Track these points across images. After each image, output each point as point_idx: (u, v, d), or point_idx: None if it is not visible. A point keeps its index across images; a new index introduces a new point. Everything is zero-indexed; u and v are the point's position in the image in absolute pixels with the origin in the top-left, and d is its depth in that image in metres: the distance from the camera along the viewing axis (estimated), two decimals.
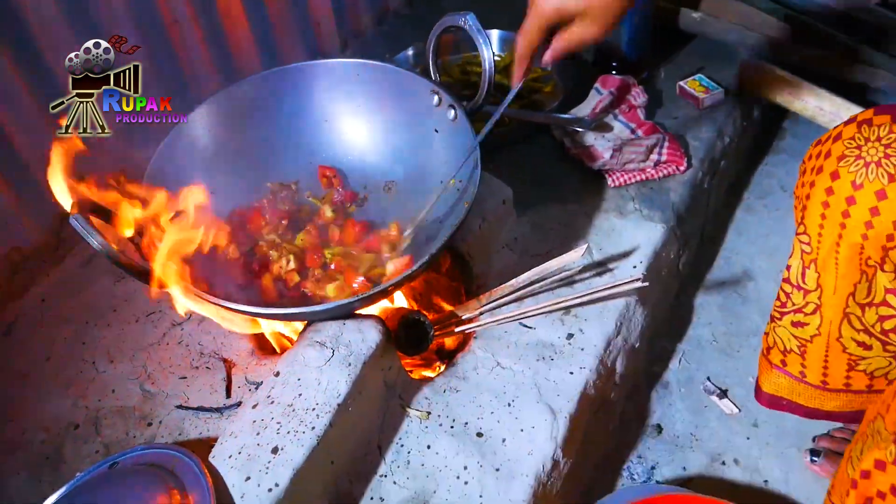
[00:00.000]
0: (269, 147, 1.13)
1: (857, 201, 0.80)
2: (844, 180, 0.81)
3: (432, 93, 1.06)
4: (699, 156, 1.33)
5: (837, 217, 0.82)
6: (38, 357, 1.09)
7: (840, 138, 0.83)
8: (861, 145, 0.80)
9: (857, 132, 0.81)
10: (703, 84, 1.43)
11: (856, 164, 0.80)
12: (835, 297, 0.88)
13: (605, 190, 1.28)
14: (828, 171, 0.83)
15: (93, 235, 0.80)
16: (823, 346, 0.94)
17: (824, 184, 0.83)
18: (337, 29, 1.64)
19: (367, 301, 0.92)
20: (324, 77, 1.13)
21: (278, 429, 0.86)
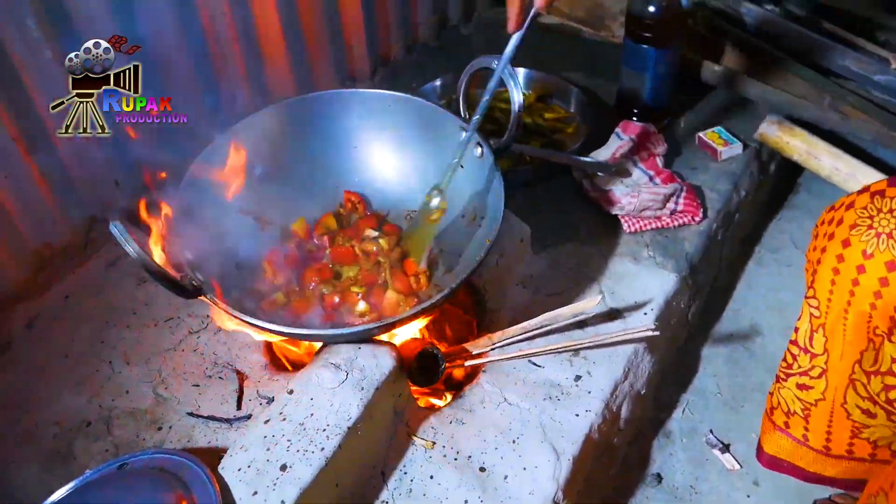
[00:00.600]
0: (299, 169, 1.16)
1: (867, 270, 0.82)
2: (855, 249, 0.82)
3: (460, 129, 1.09)
4: (715, 207, 1.36)
5: (847, 284, 0.84)
6: (57, 352, 1.12)
7: (853, 207, 0.85)
8: (873, 216, 0.82)
9: (869, 202, 0.83)
10: (722, 136, 1.46)
11: (867, 234, 0.82)
12: (841, 362, 0.90)
13: (620, 234, 1.31)
14: (839, 239, 0.85)
15: (130, 244, 0.83)
16: (828, 411, 0.95)
17: (835, 250, 0.85)
18: (368, 55, 1.68)
19: (384, 328, 0.95)
20: (357, 105, 1.16)
21: (288, 446, 0.88)
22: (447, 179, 1.06)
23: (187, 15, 1.26)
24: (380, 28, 1.70)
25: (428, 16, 1.81)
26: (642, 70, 1.39)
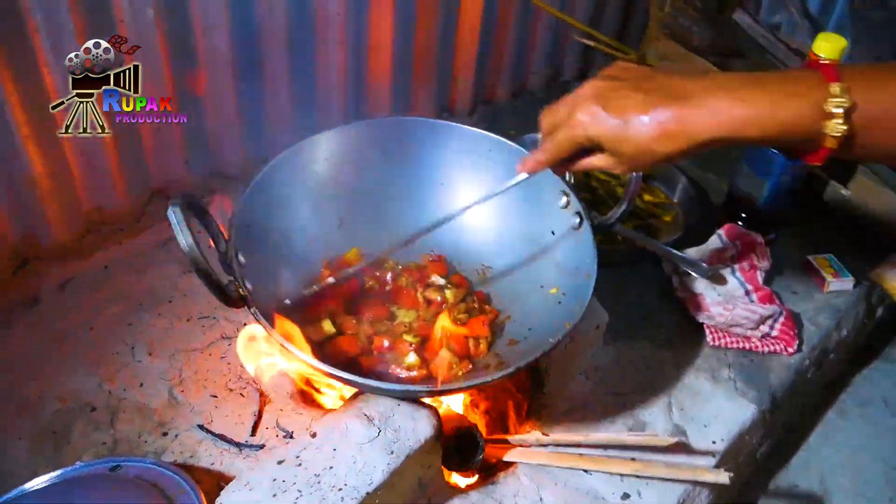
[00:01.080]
0: (379, 192, 1.08)
1: None
2: None
3: (562, 194, 1.00)
4: (812, 342, 1.23)
5: None
6: (82, 324, 1.05)
7: None
8: None
9: None
10: (833, 266, 1.33)
11: None
12: None
13: (702, 345, 1.19)
14: None
15: (184, 233, 0.75)
16: None
17: None
18: (472, 90, 1.61)
19: (432, 394, 0.84)
20: (455, 140, 1.07)
21: (297, 498, 0.78)
22: None
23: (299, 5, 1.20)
24: (490, 66, 1.63)
25: (542, 66, 1.74)
26: (765, 175, 1.28)
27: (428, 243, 1.09)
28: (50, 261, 1.11)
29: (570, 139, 0.74)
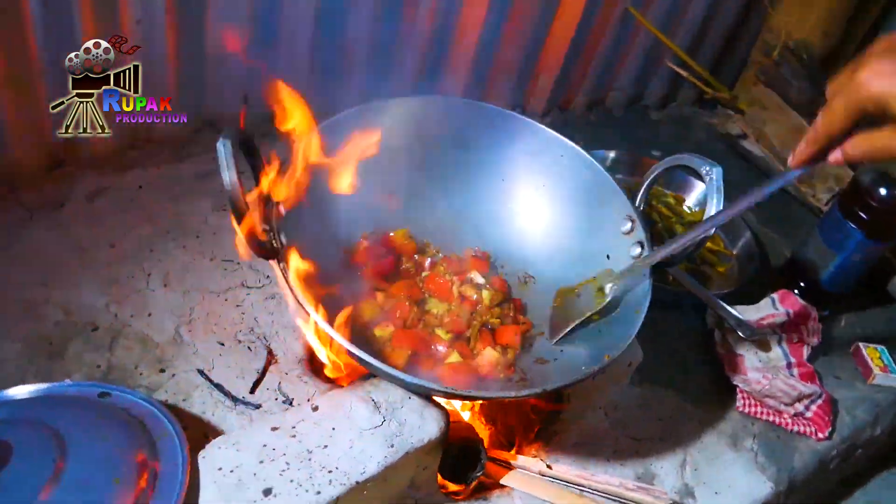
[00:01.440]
0: (436, 171, 1.02)
1: None
2: None
3: (628, 219, 0.94)
4: (843, 433, 1.15)
5: None
6: (104, 239, 1.01)
7: None
8: None
9: None
10: (883, 359, 1.25)
11: None
12: None
13: (730, 407, 1.12)
14: None
15: (230, 170, 0.70)
16: None
17: None
18: (550, 94, 1.55)
19: (449, 395, 0.79)
20: (528, 137, 1.01)
21: (284, 470, 0.73)
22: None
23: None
24: (575, 74, 1.56)
25: (625, 85, 1.67)
26: (836, 249, 1.20)
27: (474, 238, 1.04)
28: (86, 168, 1.07)
29: (848, 104, 0.60)
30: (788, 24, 1.52)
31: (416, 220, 1.02)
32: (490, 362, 0.87)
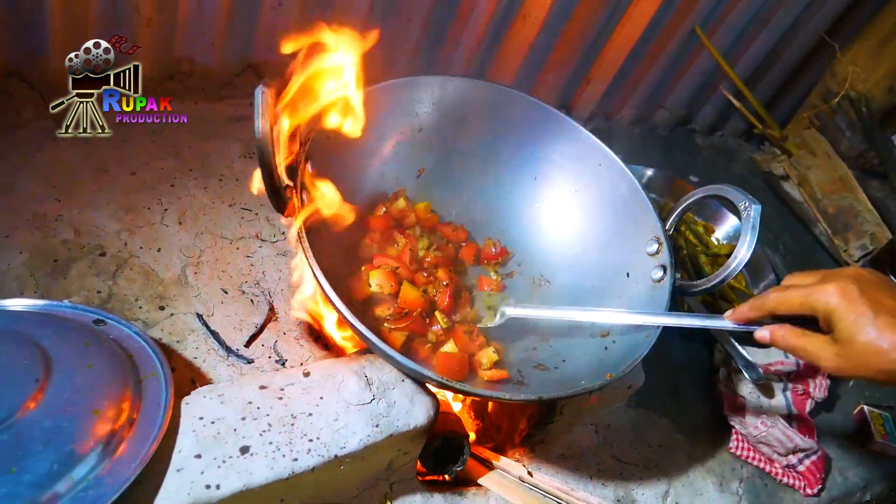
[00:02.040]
0: (470, 157, 1.00)
1: None
2: None
3: (655, 240, 0.91)
4: (832, 493, 1.13)
5: None
6: (127, 165, 0.99)
7: None
8: None
9: None
10: (886, 426, 1.22)
11: None
12: None
13: (722, 447, 1.10)
14: None
15: (263, 119, 0.68)
16: None
17: None
18: (598, 99, 1.51)
19: (443, 385, 0.77)
20: (570, 141, 0.99)
21: (264, 431, 0.72)
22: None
23: None
24: (627, 84, 1.53)
25: (676, 106, 1.63)
26: None
27: (497, 230, 1.02)
28: None
29: (805, 301, 0.68)
30: (854, 74, 1.48)
31: (442, 200, 1.00)
32: (489, 361, 0.86)
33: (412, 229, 0.94)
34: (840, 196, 1.43)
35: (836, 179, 1.45)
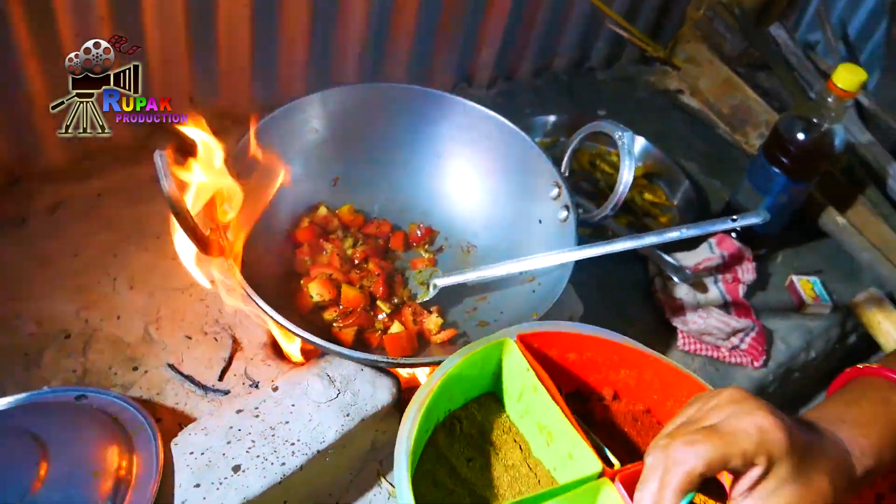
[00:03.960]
0: (376, 155, 1.09)
1: None
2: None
3: (555, 185, 1.01)
4: (778, 359, 1.24)
5: None
6: (68, 249, 1.06)
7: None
8: None
9: None
10: (815, 289, 1.34)
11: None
12: None
13: (671, 347, 1.21)
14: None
15: (168, 179, 0.76)
16: None
17: None
18: (494, 64, 1.59)
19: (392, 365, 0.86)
20: (461, 115, 1.07)
21: (250, 448, 0.81)
22: None
23: None
24: (518, 41, 1.60)
25: (569, 49, 1.71)
26: (764, 192, 1.27)
27: (419, 214, 1.10)
28: (43, 182, 1.11)
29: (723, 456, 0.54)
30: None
31: (363, 200, 1.09)
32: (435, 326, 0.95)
33: (335, 233, 1.02)
34: (730, 96, 1.55)
35: (722, 82, 1.56)
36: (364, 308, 0.95)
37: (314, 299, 0.94)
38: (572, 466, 0.71)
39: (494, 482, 0.74)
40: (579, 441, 0.69)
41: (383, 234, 1.06)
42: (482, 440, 0.77)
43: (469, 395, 0.79)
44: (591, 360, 0.81)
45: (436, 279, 0.98)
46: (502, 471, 0.75)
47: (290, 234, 1.02)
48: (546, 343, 0.79)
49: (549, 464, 0.75)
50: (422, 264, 1.04)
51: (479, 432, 0.77)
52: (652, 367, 0.80)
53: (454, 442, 0.76)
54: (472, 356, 0.74)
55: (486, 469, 0.75)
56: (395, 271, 1.02)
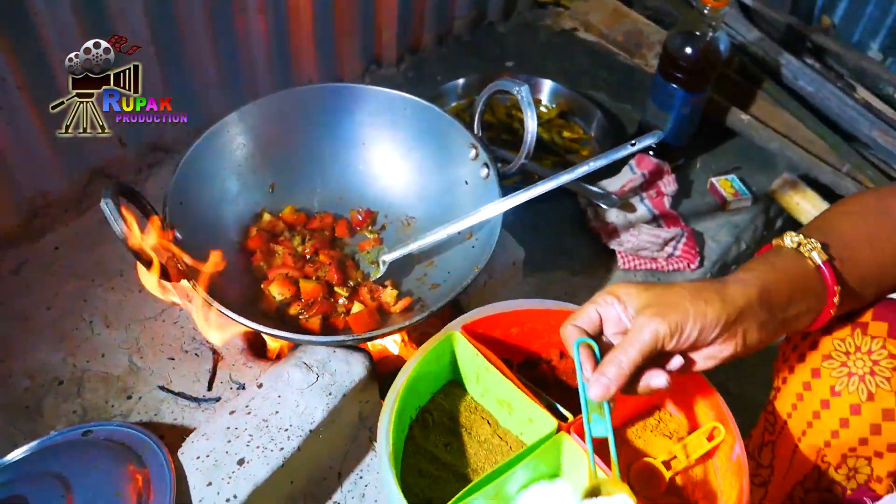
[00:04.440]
0: (304, 155, 1.16)
1: (830, 407, 0.79)
2: (824, 382, 0.80)
3: (471, 146, 1.09)
4: (712, 257, 1.36)
5: (807, 415, 0.81)
6: (40, 304, 1.12)
7: (830, 334, 0.81)
8: (850, 352, 0.79)
9: (849, 335, 0.79)
10: (734, 186, 1.45)
11: (839, 371, 0.79)
12: (784, 481, 0.88)
13: (613, 269, 1.31)
14: (810, 366, 0.82)
15: (118, 223, 0.84)
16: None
17: (803, 377, 0.82)
18: (397, 41, 1.66)
19: (358, 340, 0.95)
20: (372, 102, 1.15)
21: (249, 441, 0.90)
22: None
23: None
24: (414, 15, 1.67)
25: (465, 10, 1.79)
26: (667, 109, 1.38)
27: (357, 201, 1.18)
28: (2, 248, 1.17)
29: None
30: None
31: (301, 199, 1.16)
32: (392, 298, 1.04)
33: (283, 235, 1.10)
34: (621, 24, 1.64)
35: (611, 12, 1.65)
36: (324, 297, 1.03)
37: (277, 299, 1.03)
38: (534, 429, 0.81)
39: (472, 458, 0.84)
40: (534, 406, 0.79)
41: (327, 226, 1.14)
42: (454, 424, 0.87)
43: (434, 389, 0.89)
44: (532, 329, 0.90)
45: (383, 256, 1.07)
46: (477, 447, 0.85)
47: (242, 245, 1.09)
48: (488, 325, 0.88)
49: (515, 430, 0.86)
50: (369, 245, 1.13)
51: (450, 418, 0.87)
52: None
53: (429, 433, 0.86)
54: (426, 356, 0.84)
55: (462, 449, 0.85)
56: (345, 257, 1.10)
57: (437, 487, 0.81)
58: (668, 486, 0.81)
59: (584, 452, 0.73)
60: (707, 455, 0.83)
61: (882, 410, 0.76)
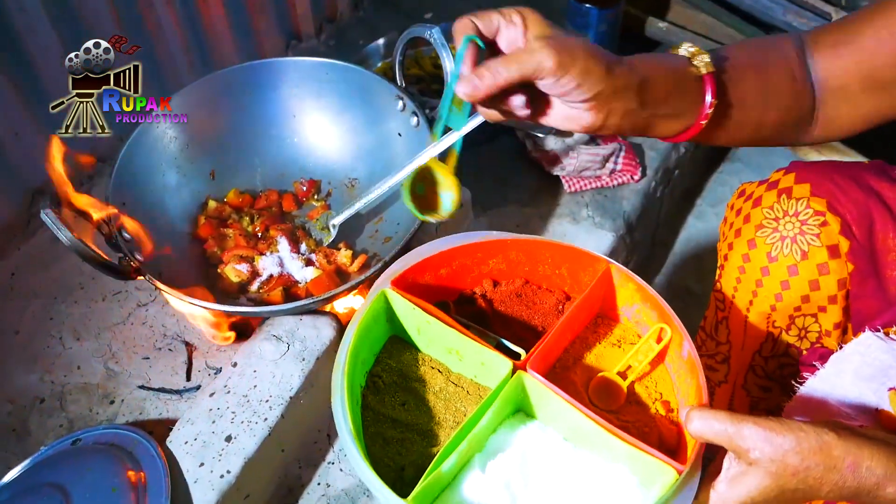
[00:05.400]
0: (238, 137, 1.17)
1: (770, 273, 0.84)
2: (760, 251, 0.84)
3: (397, 98, 1.11)
4: (654, 165, 1.39)
5: (751, 285, 0.86)
6: (7, 330, 1.13)
7: (760, 205, 0.85)
8: (779, 217, 0.83)
9: (776, 202, 0.84)
10: None
11: (772, 237, 0.83)
12: (742, 352, 0.93)
13: (561, 195, 1.34)
14: (745, 239, 0.86)
15: (63, 231, 0.85)
16: (729, 392, 0.98)
17: (742, 250, 0.86)
18: (312, 12, 1.66)
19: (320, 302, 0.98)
20: (294, 73, 1.16)
21: (233, 418, 0.92)
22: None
23: None
24: None
25: None
26: (585, 28, 1.40)
27: (299, 172, 1.20)
28: None
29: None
30: None
31: (243, 181, 1.18)
32: (348, 259, 1.07)
33: (231, 218, 1.12)
34: None
35: None
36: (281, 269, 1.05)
37: (235, 280, 1.05)
38: (488, 371, 0.79)
39: (432, 411, 0.79)
40: (483, 350, 0.76)
41: (273, 203, 1.15)
42: (406, 381, 0.82)
43: (376, 350, 0.84)
44: (461, 265, 0.88)
45: (332, 220, 1.09)
46: (434, 399, 0.81)
47: (193, 235, 1.11)
48: (417, 273, 0.85)
49: (469, 374, 0.82)
50: (317, 213, 1.15)
51: (400, 376, 0.82)
52: (513, 247, 0.87)
53: (383, 396, 0.81)
54: (362, 322, 0.78)
55: (420, 404, 0.80)
56: (296, 228, 1.12)
57: (406, 451, 0.77)
58: (626, 396, 0.81)
59: (549, 389, 0.73)
60: (659, 358, 0.82)
61: (816, 266, 0.81)
